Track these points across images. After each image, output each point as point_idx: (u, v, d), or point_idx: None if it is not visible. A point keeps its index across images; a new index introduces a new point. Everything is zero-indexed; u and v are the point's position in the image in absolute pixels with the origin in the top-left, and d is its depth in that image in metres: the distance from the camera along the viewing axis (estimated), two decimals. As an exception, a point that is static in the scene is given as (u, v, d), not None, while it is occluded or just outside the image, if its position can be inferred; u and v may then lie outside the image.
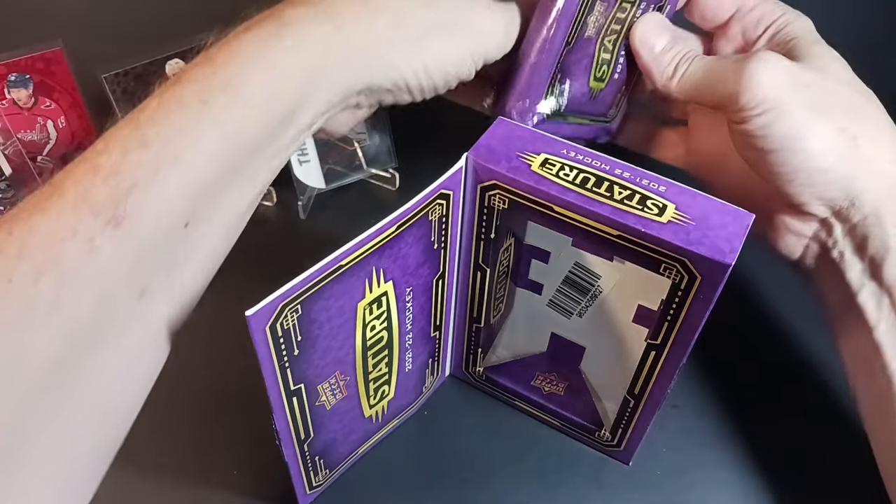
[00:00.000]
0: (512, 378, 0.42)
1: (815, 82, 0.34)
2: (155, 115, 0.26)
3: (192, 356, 0.44)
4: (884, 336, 0.34)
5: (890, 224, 0.33)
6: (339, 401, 0.34)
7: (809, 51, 0.35)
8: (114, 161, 0.25)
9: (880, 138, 0.34)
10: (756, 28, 0.38)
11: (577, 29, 0.37)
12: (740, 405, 0.42)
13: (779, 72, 0.33)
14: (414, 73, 0.32)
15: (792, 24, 0.37)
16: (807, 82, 0.34)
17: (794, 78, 0.33)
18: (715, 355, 0.42)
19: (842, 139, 0.33)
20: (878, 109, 0.35)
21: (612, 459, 0.40)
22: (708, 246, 0.29)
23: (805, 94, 0.33)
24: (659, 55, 0.38)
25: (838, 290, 0.36)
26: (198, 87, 0.27)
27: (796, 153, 0.33)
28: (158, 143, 0.26)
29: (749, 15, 0.38)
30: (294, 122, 0.29)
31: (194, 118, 0.26)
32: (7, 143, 0.49)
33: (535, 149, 0.33)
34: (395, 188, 0.54)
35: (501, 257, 0.38)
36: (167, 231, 0.26)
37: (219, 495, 0.38)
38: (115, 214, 0.25)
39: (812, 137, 0.33)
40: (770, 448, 0.40)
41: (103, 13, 0.60)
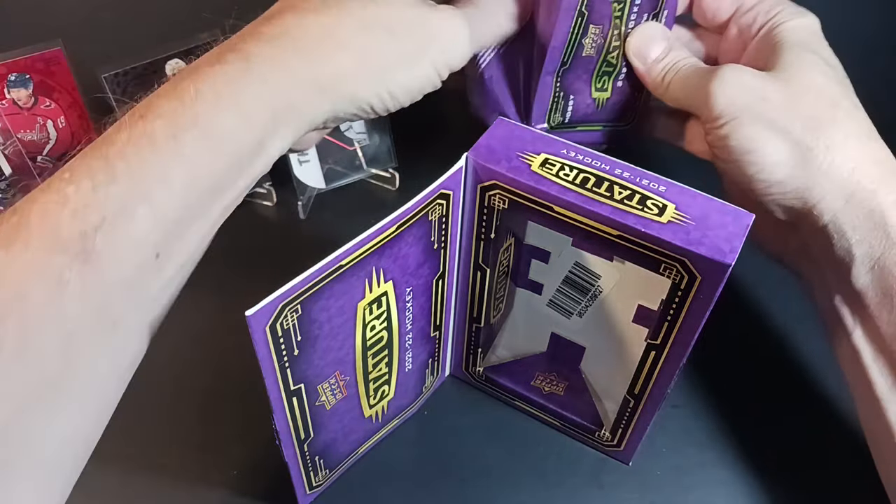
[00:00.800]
0: (512, 378, 0.42)
1: (776, 93, 0.34)
2: (125, 149, 0.26)
3: (192, 356, 0.44)
4: (860, 341, 0.34)
5: (850, 232, 0.34)
6: (339, 401, 0.34)
7: (787, 56, 0.36)
8: (82, 193, 0.25)
9: (841, 146, 0.34)
10: (751, 29, 0.38)
11: (572, 52, 0.38)
12: (740, 405, 0.42)
13: (736, 85, 0.34)
14: (379, 99, 0.33)
15: (783, 25, 0.37)
16: (765, 95, 0.34)
17: (753, 91, 0.34)
18: (715, 355, 0.42)
19: (796, 151, 0.33)
20: (847, 115, 0.35)
21: (612, 459, 0.40)
22: (708, 246, 0.29)
23: (761, 107, 0.34)
24: (651, 65, 0.38)
25: (822, 292, 0.36)
26: (167, 122, 0.26)
27: (750, 165, 0.34)
28: (128, 179, 0.25)
29: (745, 16, 0.38)
30: (262, 155, 0.30)
31: (164, 155, 0.26)
32: (7, 143, 0.49)
33: (535, 149, 0.33)
34: (395, 188, 0.54)
35: (501, 257, 0.38)
36: (138, 265, 0.26)
37: (219, 495, 0.38)
38: (85, 249, 0.24)
39: (764, 150, 0.34)
40: (770, 448, 0.40)
41: (103, 13, 0.60)
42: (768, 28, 0.37)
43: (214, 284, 0.48)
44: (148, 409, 0.42)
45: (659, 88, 0.38)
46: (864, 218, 0.33)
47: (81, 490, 0.38)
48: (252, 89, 0.28)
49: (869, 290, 0.34)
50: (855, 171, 0.33)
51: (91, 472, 0.38)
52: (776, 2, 0.38)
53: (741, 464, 0.39)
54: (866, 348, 0.34)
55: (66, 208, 0.25)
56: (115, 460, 0.39)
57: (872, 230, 0.33)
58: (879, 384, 0.33)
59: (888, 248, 0.33)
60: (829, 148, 0.33)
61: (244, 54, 0.29)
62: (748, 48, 0.39)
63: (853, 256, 0.34)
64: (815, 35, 0.37)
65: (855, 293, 0.34)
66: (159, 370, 0.43)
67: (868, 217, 0.33)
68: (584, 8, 0.37)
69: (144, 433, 0.40)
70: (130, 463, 0.39)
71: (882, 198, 0.33)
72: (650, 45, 0.39)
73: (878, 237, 0.33)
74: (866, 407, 0.35)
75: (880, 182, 0.33)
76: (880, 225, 0.33)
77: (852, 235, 0.34)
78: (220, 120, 0.27)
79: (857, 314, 0.34)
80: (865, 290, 0.34)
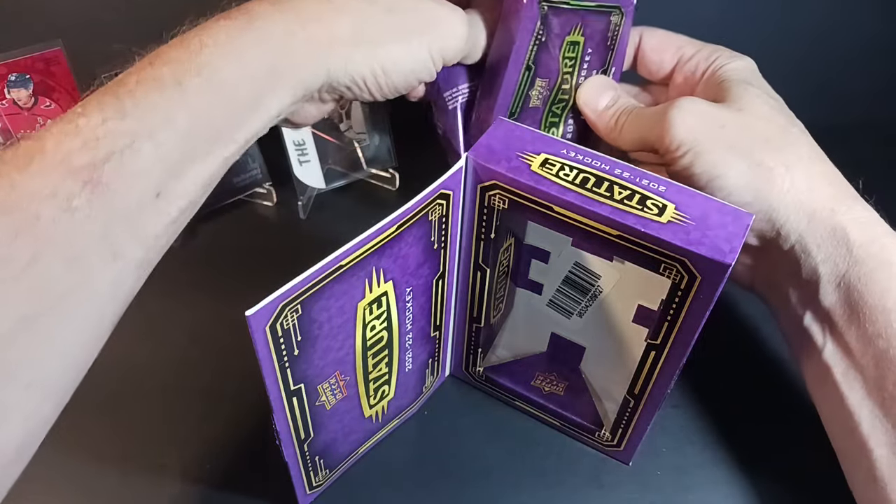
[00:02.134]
0: (512, 378, 0.42)
1: (732, 121, 0.36)
2: (134, 90, 0.28)
3: (193, 356, 0.44)
4: (830, 357, 0.35)
5: (815, 250, 0.34)
6: (339, 401, 0.34)
7: (734, 91, 0.38)
8: (93, 126, 0.26)
9: (797, 168, 0.35)
10: (695, 75, 0.41)
11: (520, 103, 0.41)
12: (740, 405, 0.42)
13: (694, 115, 0.36)
14: (372, 73, 0.34)
15: (725, 67, 0.40)
16: (722, 122, 0.36)
17: (710, 119, 0.36)
18: (715, 355, 0.42)
19: (758, 173, 0.35)
20: (798, 139, 0.37)
21: (612, 459, 0.40)
22: (708, 246, 0.29)
23: (721, 133, 0.35)
24: (602, 112, 0.41)
25: (790, 314, 0.37)
26: (174, 68, 0.28)
27: (718, 190, 0.35)
28: (136, 116, 0.27)
29: (688, 64, 0.41)
30: (261, 111, 0.31)
31: (169, 97, 0.28)
32: (7, 143, 0.49)
33: (535, 149, 0.33)
34: (395, 188, 0.54)
35: (501, 257, 0.38)
36: (139, 199, 0.27)
37: (219, 495, 0.38)
38: (93, 178, 0.26)
39: (729, 175, 0.35)
40: (770, 448, 0.40)
41: (103, 13, 0.60)
42: (711, 71, 0.40)
43: (214, 284, 0.48)
44: (148, 409, 0.42)
45: (612, 133, 0.40)
46: (827, 236, 0.34)
47: (82, 490, 0.38)
48: (252, 43, 0.30)
49: (837, 307, 0.34)
50: (813, 191, 0.35)
51: (91, 472, 0.39)
52: (714, 48, 0.41)
53: (741, 464, 0.39)
54: (837, 365, 0.35)
55: (77, 138, 0.26)
56: (115, 460, 0.39)
57: (836, 248, 0.34)
58: (850, 399, 0.34)
59: (852, 264, 0.34)
60: (788, 168, 0.35)
61: (247, 12, 0.31)
62: (696, 91, 0.41)
63: (819, 275, 0.35)
64: (754, 73, 0.40)
65: (824, 311, 0.35)
66: (159, 370, 0.43)
67: (831, 235, 0.34)
68: (531, 62, 0.40)
69: (144, 433, 0.41)
70: (130, 463, 0.39)
71: (841, 216, 0.34)
72: (600, 95, 0.41)
73: (841, 254, 0.34)
74: (838, 425, 0.35)
75: (836, 201, 0.35)
76: (843, 242, 0.34)
77: (817, 254, 0.34)
78: (222, 69, 0.29)
79: (827, 331, 0.35)
80: (833, 308, 0.34)
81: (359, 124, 0.52)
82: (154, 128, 0.27)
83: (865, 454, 0.33)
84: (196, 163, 0.29)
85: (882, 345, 0.32)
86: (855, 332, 0.34)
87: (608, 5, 0.40)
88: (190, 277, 0.48)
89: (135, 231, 0.28)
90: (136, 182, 0.27)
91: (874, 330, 0.33)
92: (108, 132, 0.26)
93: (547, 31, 0.39)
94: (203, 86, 0.29)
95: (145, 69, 0.28)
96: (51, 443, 0.39)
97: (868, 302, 0.33)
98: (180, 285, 0.47)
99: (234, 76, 0.29)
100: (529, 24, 0.38)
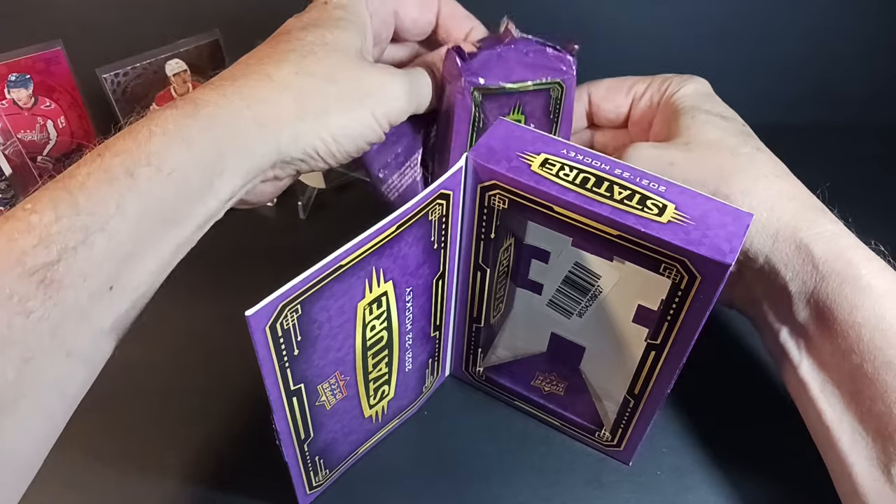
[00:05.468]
0: (512, 378, 0.42)
1: (679, 157, 0.37)
2: (85, 182, 0.27)
3: (192, 356, 0.44)
4: (807, 373, 0.35)
5: (783, 269, 0.35)
6: (339, 401, 0.34)
7: (682, 122, 0.39)
8: (46, 223, 0.26)
9: (754, 190, 0.35)
10: (651, 107, 0.42)
11: None
12: (740, 405, 0.42)
13: (642, 159, 0.37)
14: (322, 142, 0.34)
15: (675, 95, 0.41)
16: (670, 160, 0.37)
17: (657, 160, 0.37)
18: (715, 355, 0.42)
19: None
20: (752, 159, 0.37)
21: (612, 459, 0.40)
22: (708, 246, 0.29)
23: (671, 172, 0.36)
24: None
25: (768, 330, 0.37)
26: (123, 159, 0.28)
27: None
28: (88, 209, 0.27)
29: (642, 100, 0.43)
30: (211, 196, 0.31)
31: (119, 187, 0.28)
32: (7, 143, 0.49)
33: (535, 149, 0.33)
34: (395, 188, 0.54)
35: (501, 257, 0.38)
36: (91, 293, 0.27)
37: (219, 495, 0.38)
38: (47, 277, 0.26)
39: None
40: (770, 448, 0.40)
41: (103, 13, 0.60)
42: (664, 101, 0.41)
43: (214, 284, 0.48)
44: (148, 409, 0.42)
45: None
46: (792, 254, 0.34)
47: (82, 490, 0.38)
48: (199, 129, 0.30)
49: (810, 323, 0.35)
50: (774, 210, 0.35)
51: (91, 472, 0.39)
52: (664, 78, 0.42)
53: (741, 464, 0.39)
54: (813, 380, 0.35)
55: (31, 236, 0.26)
56: (115, 460, 0.39)
57: (802, 265, 0.34)
58: (828, 414, 0.34)
59: (819, 280, 0.34)
60: (744, 193, 0.35)
61: (192, 99, 0.31)
62: (652, 125, 0.41)
63: (790, 292, 0.35)
64: (704, 96, 0.41)
65: (799, 327, 0.35)
66: (159, 370, 0.43)
67: (796, 253, 0.34)
68: (473, 141, 0.39)
69: (144, 433, 0.41)
70: (130, 463, 0.39)
71: (804, 232, 0.34)
72: None
73: (808, 271, 0.34)
74: (820, 439, 0.35)
75: (798, 217, 0.35)
76: (808, 259, 0.34)
77: (785, 272, 0.35)
78: (170, 155, 0.29)
79: (803, 347, 0.35)
80: (807, 324, 0.35)
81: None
82: (106, 219, 0.27)
83: (847, 468, 0.33)
84: (148, 251, 0.29)
85: (856, 360, 0.32)
86: (829, 347, 0.34)
87: (546, 82, 0.39)
88: (190, 277, 0.47)
89: (87, 327, 0.28)
90: (89, 276, 0.27)
91: (846, 345, 0.33)
92: (62, 229, 0.26)
93: (484, 116, 0.39)
94: (152, 175, 0.28)
95: (95, 161, 0.28)
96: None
97: (838, 318, 0.33)
98: (180, 285, 0.46)
99: (182, 163, 0.29)
100: (464, 113, 0.39)
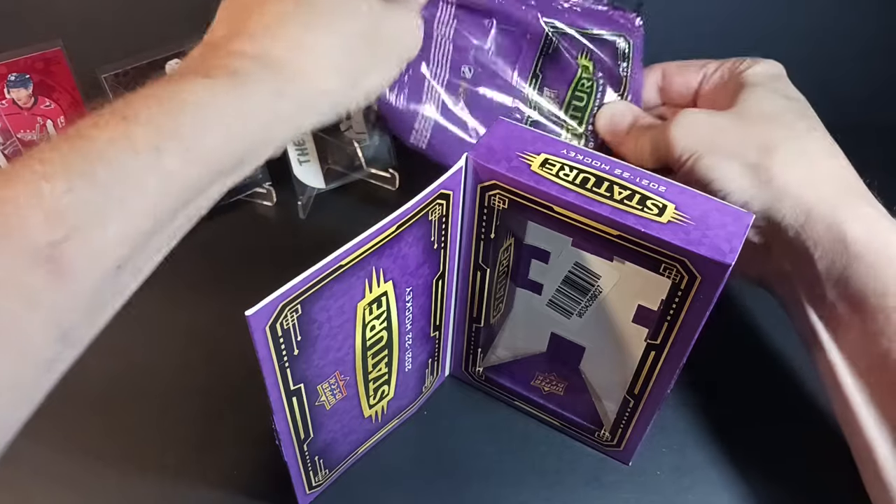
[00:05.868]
0: (512, 378, 0.42)
1: (730, 125, 0.37)
2: (106, 151, 0.24)
3: (192, 356, 0.44)
4: (835, 356, 0.35)
5: (812, 248, 0.35)
6: (338, 401, 0.34)
7: (742, 94, 0.38)
8: (57, 194, 0.23)
9: (796, 165, 0.35)
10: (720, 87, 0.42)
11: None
12: (740, 406, 0.42)
13: (692, 124, 0.37)
14: (356, 104, 0.34)
15: (745, 72, 0.40)
16: (720, 127, 0.37)
17: (707, 126, 0.37)
18: (715, 355, 0.42)
19: (754, 174, 0.35)
20: (803, 136, 0.37)
21: (612, 459, 0.40)
22: (708, 246, 0.29)
23: (717, 138, 0.36)
24: (624, 140, 0.42)
25: (798, 309, 0.37)
26: (150, 130, 0.26)
27: (717, 192, 0.36)
28: (106, 183, 0.24)
29: (713, 77, 0.42)
30: (239, 170, 0.29)
31: (144, 164, 0.25)
32: (7, 143, 0.49)
33: (535, 149, 0.33)
34: (395, 188, 0.54)
35: (501, 257, 0.38)
36: (100, 278, 0.25)
37: (219, 495, 0.38)
38: (53, 258, 0.23)
39: (725, 177, 0.36)
40: (770, 448, 0.40)
41: (103, 13, 0.59)
42: (732, 78, 0.41)
43: (214, 284, 0.48)
44: (148, 409, 0.42)
45: (635, 154, 0.40)
46: (823, 233, 0.34)
47: (82, 490, 0.38)
48: (238, 110, 0.28)
49: (839, 304, 0.34)
50: (812, 188, 0.35)
51: (91, 472, 0.39)
52: (737, 59, 0.42)
53: (741, 464, 0.39)
54: (841, 362, 0.35)
55: (39, 210, 0.23)
56: (116, 460, 0.39)
57: (833, 244, 0.34)
58: (855, 398, 0.34)
59: (849, 261, 0.33)
60: (785, 167, 0.35)
61: (230, 70, 0.29)
62: (716, 97, 0.41)
63: (818, 271, 0.35)
64: (773, 77, 0.40)
65: (827, 307, 0.35)
66: (159, 370, 0.43)
67: (827, 231, 0.34)
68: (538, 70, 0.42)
69: (144, 433, 0.41)
70: (130, 463, 0.39)
71: (841, 212, 0.34)
72: (617, 120, 0.42)
73: (838, 251, 0.34)
74: (845, 421, 0.35)
75: (838, 197, 0.35)
76: (840, 239, 0.34)
77: (815, 251, 0.34)
78: (203, 135, 0.27)
79: (831, 328, 0.35)
80: (836, 305, 0.35)
81: (359, 124, 0.52)
82: (123, 197, 0.24)
83: (872, 454, 0.33)
84: (163, 229, 0.27)
85: (885, 344, 0.32)
86: (858, 328, 0.34)
87: (613, 33, 0.41)
88: (190, 277, 0.48)
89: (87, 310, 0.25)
90: (97, 260, 0.24)
91: (875, 328, 0.33)
92: (74, 203, 0.23)
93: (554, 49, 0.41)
94: (181, 153, 0.26)
95: (118, 126, 0.25)
96: (51, 443, 0.39)
97: (869, 300, 0.33)
98: (180, 285, 0.47)
99: (215, 142, 0.27)
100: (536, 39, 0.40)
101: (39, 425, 0.26)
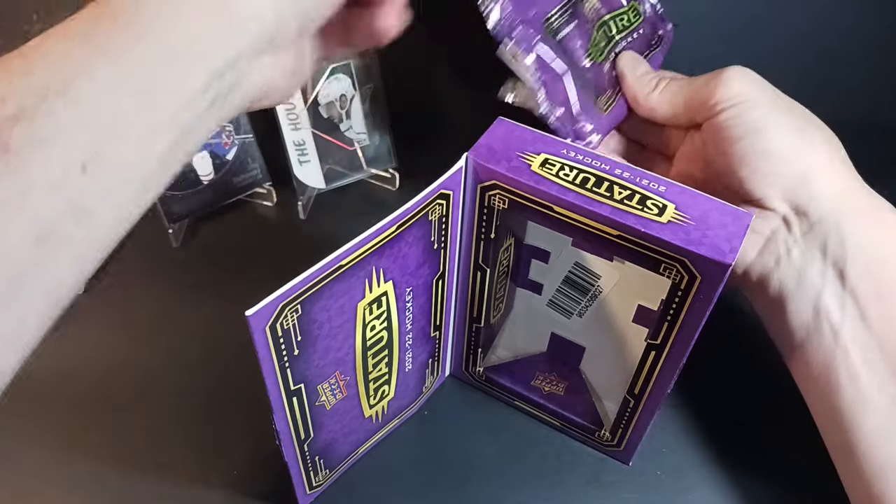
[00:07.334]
0: (512, 378, 0.42)
1: (782, 96, 0.38)
2: (42, 43, 0.23)
3: (192, 356, 0.44)
4: (848, 338, 0.34)
5: (846, 225, 0.35)
6: (339, 401, 0.34)
7: None
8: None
9: (830, 142, 0.37)
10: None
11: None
12: (740, 405, 0.42)
13: (749, 75, 0.38)
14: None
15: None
16: (776, 92, 0.38)
17: (764, 85, 0.38)
18: (715, 355, 0.42)
19: (801, 136, 0.36)
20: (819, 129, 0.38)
21: (612, 459, 0.40)
22: (708, 246, 0.29)
23: (770, 95, 0.37)
24: (641, 76, 0.42)
25: (795, 295, 0.36)
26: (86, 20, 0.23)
27: (761, 140, 0.36)
28: (45, 69, 0.22)
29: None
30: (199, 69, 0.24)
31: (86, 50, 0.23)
32: None
33: (535, 149, 0.33)
34: (395, 188, 0.54)
35: (501, 257, 0.38)
36: (62, 170, 0.22)
37: (219, 495, 0.38)
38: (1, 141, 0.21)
39: (775, 128, 0.36)
40: (770, 448, 0.40)
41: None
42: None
43: (214, 284, 0.48)
44: (148, 409, 0.42)
45: (650, 94, 0.41)
46: (858, 209, 0.35)
47: (81, 490, 0.38)
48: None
49: (858, 284, 0.34)
50: (841, 168, 0.36)
51: (91, 472, 0.39)
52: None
53: (741, 464, 0.39)
54: (855, 343, 0.34)
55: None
56: (116, 460, 0.39)
57: (867, 219, 0.35)
58: (867, 380, 0.33)
59: (882, 241, 0.34)
60: (826, 142, 0.36)
61: None
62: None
63: (847, 249, 0.34)
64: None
65: (850, 289, 0.34)
66: (159, 370, 0.43)
67: (861, 208, 0.35)
68: None
69: (144, 433, 0.41)
70: (130, 463, 0.39)
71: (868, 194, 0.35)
72: (640, 63, 0.43)
73: (871, 227, 0.34)
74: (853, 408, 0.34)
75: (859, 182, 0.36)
76: (873, 216, 0.35)
77: (847, 227, 0.34)
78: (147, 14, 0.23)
79: (849, 311, 0.34)
80: (854, 285, 0.34)
81: (359, 124, 0.52)
82: (68, 81, 0.22)
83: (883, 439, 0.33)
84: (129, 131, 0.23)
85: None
86: (877, 310, 0.33)
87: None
88: (190, 277, 0.48)
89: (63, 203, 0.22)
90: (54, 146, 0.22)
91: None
92: (14, 90, 0.21)
93: None
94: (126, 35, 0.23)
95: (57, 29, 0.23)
96: (51, 443, 0.39)
97: (887, 281, 0.33)
98: (180, 285, 0.47)
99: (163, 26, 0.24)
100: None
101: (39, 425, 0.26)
